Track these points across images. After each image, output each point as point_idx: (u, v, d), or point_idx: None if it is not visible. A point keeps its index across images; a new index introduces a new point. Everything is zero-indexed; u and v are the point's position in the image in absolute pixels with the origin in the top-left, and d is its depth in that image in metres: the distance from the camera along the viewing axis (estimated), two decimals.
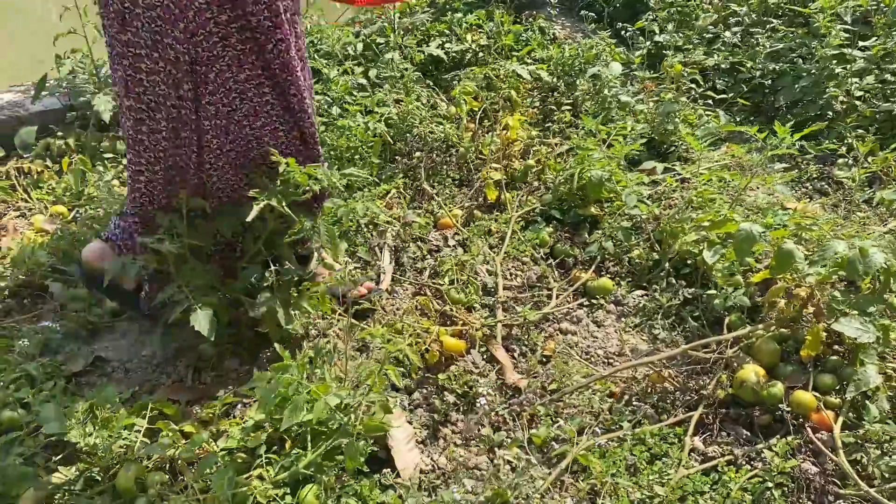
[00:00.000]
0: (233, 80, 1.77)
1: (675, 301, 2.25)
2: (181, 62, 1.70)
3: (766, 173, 2.55)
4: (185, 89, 1.74)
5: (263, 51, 1.77)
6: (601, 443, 1.80)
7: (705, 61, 3.44)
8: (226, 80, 1.76)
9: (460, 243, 2.61)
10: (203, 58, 1.71)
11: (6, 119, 2.98)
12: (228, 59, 1.74)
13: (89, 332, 2.24)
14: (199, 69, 1.73)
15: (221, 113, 1.81)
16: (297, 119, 1.90)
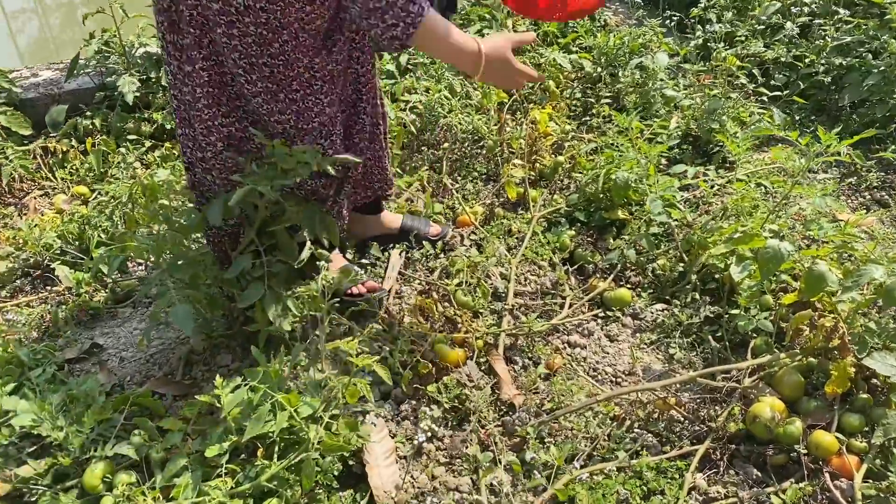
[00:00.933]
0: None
1: (695, 319, 2.08)
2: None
3: (810, 182, 2.32)
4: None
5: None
6: (584, 477, 1.66)
7: (764, 54, 3.17)
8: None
9: (477, 242, 2.48)
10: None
11: (40, 97, 3.00)
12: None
13: (91, 317, 2.23)
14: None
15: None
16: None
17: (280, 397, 1.55)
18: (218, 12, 1.60)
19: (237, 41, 1.63)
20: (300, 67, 1.71)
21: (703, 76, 3.15)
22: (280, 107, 1.75)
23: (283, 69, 1.70)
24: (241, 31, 1.62)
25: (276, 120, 1.77)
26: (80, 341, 2.14)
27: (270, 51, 1.66)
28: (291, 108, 1.76)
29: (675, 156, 2.88)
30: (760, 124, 2.82)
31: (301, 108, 1.77)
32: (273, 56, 1.67)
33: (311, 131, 1.82)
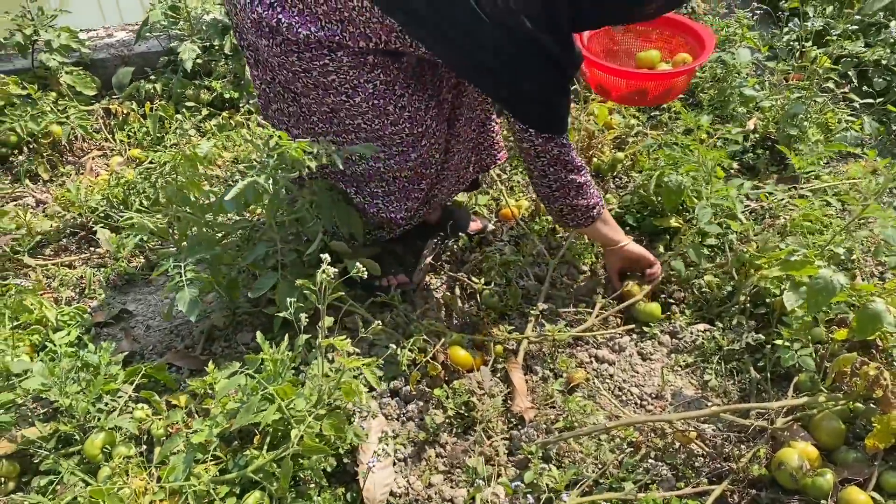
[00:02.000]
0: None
1: (736, 345, 1.91)
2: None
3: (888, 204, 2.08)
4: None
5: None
6: None
7: (864, 54, 2.88)
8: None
9: (517, 239, 2.37)
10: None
11: (111, 57, 3.06)
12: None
13: (126, 282, 2.27)
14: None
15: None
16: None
17: (272, 389, 1.51)
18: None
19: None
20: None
21: (793, 75, 2.90)
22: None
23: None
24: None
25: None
26: (113, 305, 2.17)
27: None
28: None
29: (749, 160, 2.66)
30: (847, 133, 2.57)
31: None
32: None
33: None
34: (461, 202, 2.49)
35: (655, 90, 2.17)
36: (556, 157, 1.82)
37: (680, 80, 2.19)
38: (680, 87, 2.23)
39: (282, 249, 1.85)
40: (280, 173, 1.67)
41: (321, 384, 1.49)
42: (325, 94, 1.67)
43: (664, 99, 2.28)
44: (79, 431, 1.70)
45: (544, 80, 1.69)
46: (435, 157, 1.86)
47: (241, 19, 1.66)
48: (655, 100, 2.25)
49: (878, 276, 2.17)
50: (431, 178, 1.91)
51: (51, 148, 2.70)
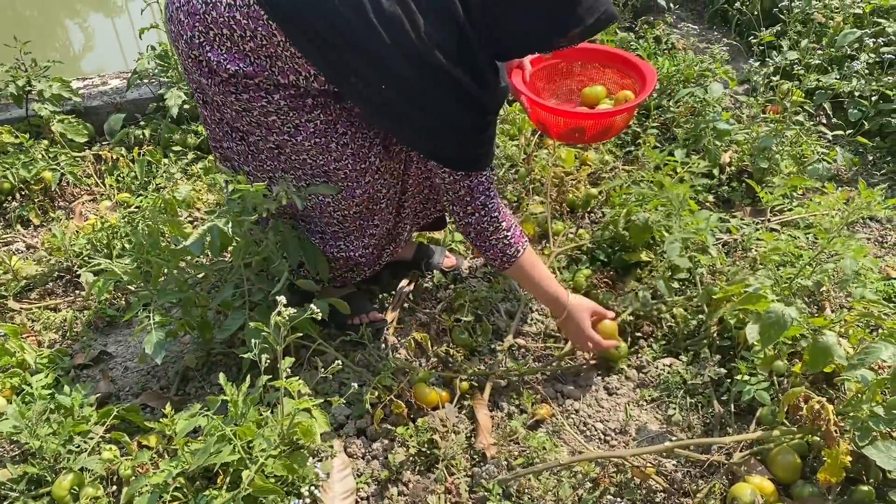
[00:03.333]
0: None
1: (697, 379, 1.92)
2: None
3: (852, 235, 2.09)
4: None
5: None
6: None
7: (838, 86, 2.91)
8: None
9: (490, 276, 2.40)
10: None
11: (104, 104, 3.16)
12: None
13: (107, 324, 2.33)
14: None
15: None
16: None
17: (229, 430, 1.55)
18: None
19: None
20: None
21: (770, 108, 2.94)
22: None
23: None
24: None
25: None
26: (93, 347, 2.23)
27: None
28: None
29: (724, 193, 2.69)
30: (820, 165, 2.59)
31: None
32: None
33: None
34: (437, 239, 2.53)
35: (594, 129, 2.10)
36: (469, 189, 1.80)
37: (619, 118, 2.09)
38: (619, 125, 2.13)
39: (250, 290, 1.90)
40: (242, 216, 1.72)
41: (277, 425, 1.53)
42: (268, 132, 1.71)
43: (603, 137, 2.19)
44: (49, 473, 1.74)
45: (459, 118, 1.68)
46: (384, 192, 1.89)
47: (184, 60, 1.69)
48: (593, 138, 2.19)
49: (848, 308, 2.18)
50: (385, 214, 1.95)
51: (42, 194, 2.78)
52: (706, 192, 2.64)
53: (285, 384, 1.50)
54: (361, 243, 1.96)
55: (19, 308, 2.33)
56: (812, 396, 1.51)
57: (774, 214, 2.49)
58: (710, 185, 2.68)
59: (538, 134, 2.84)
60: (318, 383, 1.98)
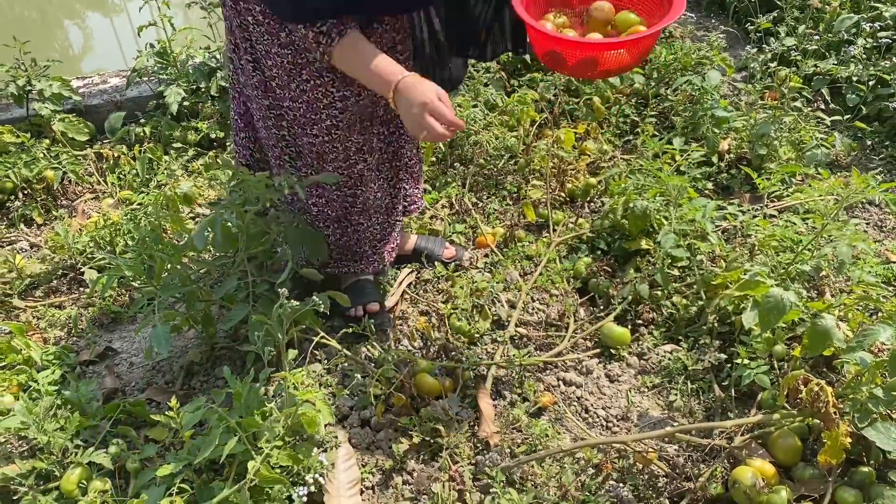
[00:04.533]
0: None
1: (698, 365, 1.94)
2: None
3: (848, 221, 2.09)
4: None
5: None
6: None
7: (837, 71, 2.91)
8: None
9: (491, 266, 2.42)
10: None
11: (104, 103, 3.18)
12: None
13: (112, 320, 2.34)
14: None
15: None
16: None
17: (233, 422, 1.56)
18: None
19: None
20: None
21: (769, 94, 2.94)
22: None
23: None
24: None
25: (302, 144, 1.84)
26: (98, 344, 2.24)
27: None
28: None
29: (724, 181, 2.70)
30: (818, 151, 2.60)
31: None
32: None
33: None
34: (437, 231, 2.55)
35: (609, 62, 1.73)
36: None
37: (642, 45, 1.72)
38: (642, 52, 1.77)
39: (253, 282, 1.91)
40: (245, 207, 1.74)
41: (281, 416, 1.55)
42: (252, 50, 1.75)
43: (623, 69, 1.82)
44: (57, 467, 1.76)
45: None
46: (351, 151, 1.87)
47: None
48: (605, 73, 1.86)
49: (847, 292, 2.19)
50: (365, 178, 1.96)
51: (45, 193, 2.80)
52: (705, 180, 2.65)
53: (289, 376, 1.52)
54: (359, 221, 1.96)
55: (24, 306, 2.35)
56: (811, 379, 1.52)
57: (772, 201, 2.50)
58: (709, 173, 2.68)
59: (536, 125, 2.84)
60: (321, 375, 2.00)
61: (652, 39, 1.70)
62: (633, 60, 1.75)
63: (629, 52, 1.68)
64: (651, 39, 1.69)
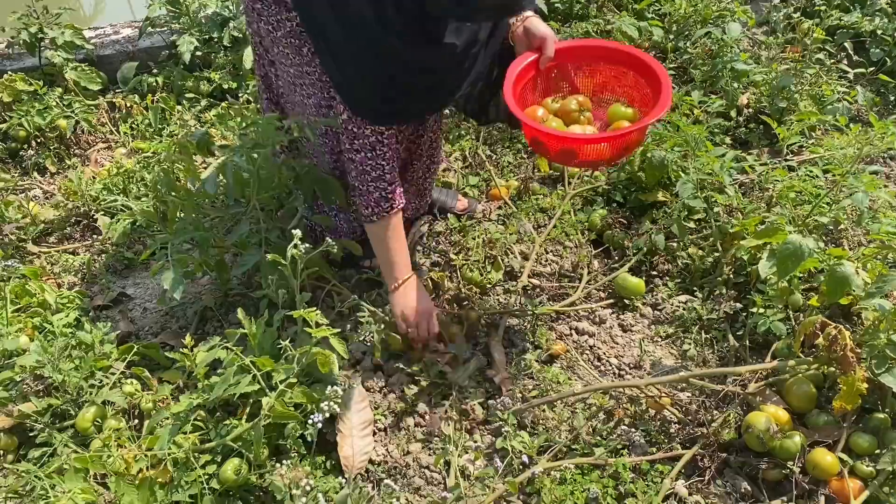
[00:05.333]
0: None
1: (713, 315, 1.92)
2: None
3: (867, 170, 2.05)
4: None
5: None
6: (537, 472, 1.57)
7: (860, 25, 2.85)
8: None
9: (505, 218, 2.40)
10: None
11: (116, 53, 3.15)
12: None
13: (126, 266, 2.35)
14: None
15: None
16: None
17: (247, 360, 1.57)
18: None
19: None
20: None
21: (790, 48, 2.88)
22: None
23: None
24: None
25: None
26: (112, 289, 2.25)
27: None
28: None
29: (742, 135, 2.66)
30: (840, 104, 2.55)
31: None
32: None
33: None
34: (450, 182, 2.53)
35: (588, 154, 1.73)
36: (362, 127, 1.71)
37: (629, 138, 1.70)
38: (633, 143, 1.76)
39: (265, 227, 1.91)
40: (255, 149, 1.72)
41: (296, 354, 1.55)
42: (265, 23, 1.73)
43: (607, 161, 1.82)
44: (72, 406, 1.78)
45: (363, 58, 1.62)
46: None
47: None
48: (582, 164, 1.92)
49: (866, 244, 2.16)
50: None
51: (58, 141, 2.79)
52: (723, 134, 2.61)
53: (303, 314, 1.52)
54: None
55: (38, 252, 2.36)
56: (829, 324, 1.51)
57: (792, 153, 2.46)
58: (728, 127, 2.64)
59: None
60: (335, 321, 2.00)
61: (637, 134, 1.69)
62: (615, 154, 1.73)
63: (611, 146, 1.69)
64: (635, 134, 1.68)
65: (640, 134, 1.71)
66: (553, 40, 1.78)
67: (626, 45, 1.96)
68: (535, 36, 1.78)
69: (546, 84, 1.88)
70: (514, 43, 1.84)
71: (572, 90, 1.91)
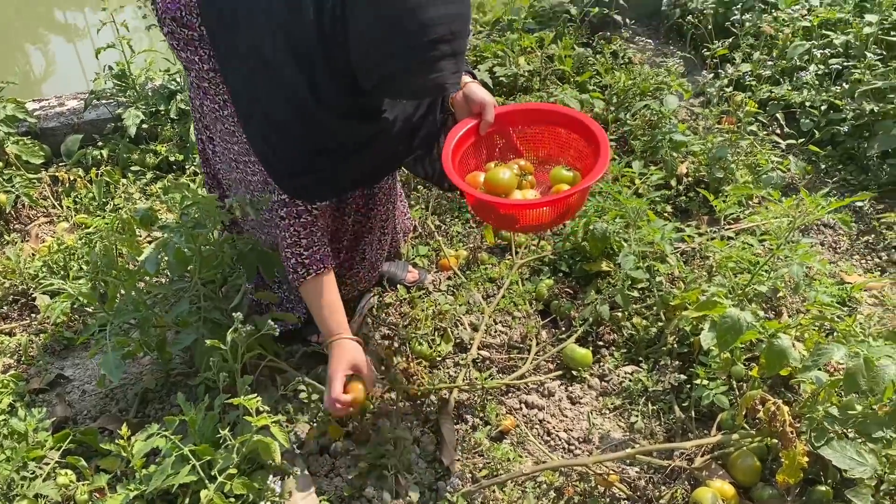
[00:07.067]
0: None
1: (658, 386, 1.94)
2: None
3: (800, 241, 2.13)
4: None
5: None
6: None
7: (791, 97, 2.99)
8: None
9: (454, 288, 2.41)
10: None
11: (61, 126, 3.12)
12: None
13: (64, 347, 2.28)
14: None
15: None
16: None
17: (186, 450, 1.52)
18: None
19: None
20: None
21: (725, 118, 3.00)
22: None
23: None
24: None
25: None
26: (49, 371, 2.18)
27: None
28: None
29: (682, 203, 2.73)
30: (774, 174, 2.65)
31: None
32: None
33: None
34: (400, 253, 2.53)
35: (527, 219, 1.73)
36: (284, 204, 1.72)
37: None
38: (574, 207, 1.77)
39: (205, 306, 1.88)
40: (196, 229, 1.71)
41: (236, 443, 1.51)
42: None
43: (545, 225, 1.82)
44: (3, 500, 1.70)
45: (290, 128, 1.60)
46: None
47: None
48: (524, 229, 1.95)
49: (804, 312, 2.22)
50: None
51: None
52: (664, 203, 2.68)
53: (244, 402, 1.49)
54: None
55: None
56: (768, 398, 1.53)
57: (729, 223, 2.54)
58: (668, 196, 2.72)
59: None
60: (279, 402, 1.96)
61: (577, 197, 1.69)
62: (556, 218, 1.75)
63: (551, 210, 1.70)
64: (575, 197, 1.68)
65: (580, 196, 1.72)
66: (492, 105, 1.80)
67: (564, 106, 2.00)
68: (475, 102, 1.80)
69: (488, 149, 1.90)
70: (455, 109, 1.86)
71: (514, 154, 1.92)
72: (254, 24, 1.50)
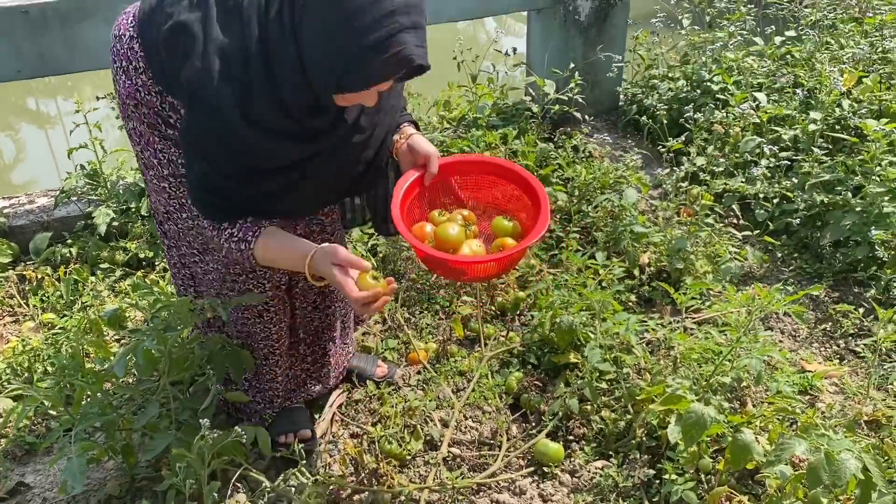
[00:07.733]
0: None
1: (628, 482, 1.95)
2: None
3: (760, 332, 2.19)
4: None
5: None
6: None
7: (745, 189, 3.12)
8: None
9: (424, 383, 2.42)
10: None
11: (30, 223, 3.13)
12: None
13: (26, 452, 2.23)
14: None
15: None
16: None
17: None
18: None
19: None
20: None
21: (684, 210, 3.11)
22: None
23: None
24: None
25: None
26: (10, 478, 2.12)
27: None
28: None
29: (646, 293, 2.80)
30: (732, 264, 2.74)
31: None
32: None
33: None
34: (369, 348, 2.55)
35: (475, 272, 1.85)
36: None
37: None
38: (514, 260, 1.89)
39: (176, 409, 1.86)
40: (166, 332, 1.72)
41: None
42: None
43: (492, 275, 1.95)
44: None
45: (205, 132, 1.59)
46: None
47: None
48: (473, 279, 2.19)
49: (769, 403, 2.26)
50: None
51: None
52: (628, 292, 2.75)
53: None
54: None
55: None
56: (735, 496, 1.55)
57: (690, 314, 2.61)
58: (632, 285, 2.79)
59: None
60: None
61: (519, 253, 1.80)
62: (501, 270, 1.89)
63: (497, 265, 1.80)
64: (518, 253, 1.80)
65: (523, 252, 1.85)
66: (436, 157, 1.87)
67: (506, 160, 2.14)
68: (419, 153, 1.86)
69: (432, 198, 1.98)
70: (399, 159, 1.92)
71: (458, 204, 2.01)
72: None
